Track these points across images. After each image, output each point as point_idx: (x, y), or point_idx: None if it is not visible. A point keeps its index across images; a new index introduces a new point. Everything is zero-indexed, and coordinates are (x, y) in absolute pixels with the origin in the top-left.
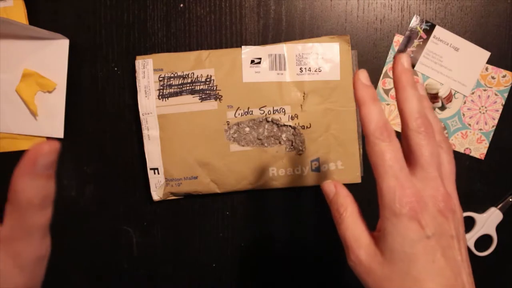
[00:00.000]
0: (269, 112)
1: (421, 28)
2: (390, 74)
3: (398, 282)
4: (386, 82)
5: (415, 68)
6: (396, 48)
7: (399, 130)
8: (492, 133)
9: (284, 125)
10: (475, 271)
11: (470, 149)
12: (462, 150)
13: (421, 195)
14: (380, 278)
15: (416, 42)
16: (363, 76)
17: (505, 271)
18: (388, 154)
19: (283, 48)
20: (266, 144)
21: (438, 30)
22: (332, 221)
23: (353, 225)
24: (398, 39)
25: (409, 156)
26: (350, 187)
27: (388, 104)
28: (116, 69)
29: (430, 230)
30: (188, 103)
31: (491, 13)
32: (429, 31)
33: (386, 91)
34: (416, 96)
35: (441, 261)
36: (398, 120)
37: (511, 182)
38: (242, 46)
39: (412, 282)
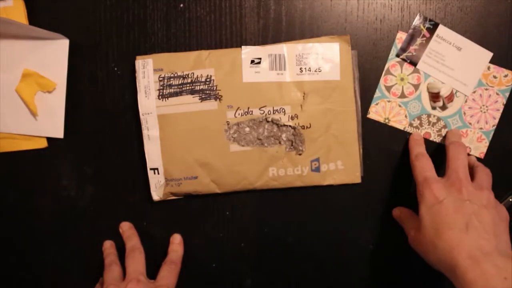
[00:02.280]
0: (269, 112)
1: (424, 27)
2: (392, 71)
3: (427, 232)
4: (387, 79)
5: (417, 67)
6: (399, 46)
7: (399, 127)
8: (492, 133)
9: (284, 125)
10: None
11: (470, 148)
12: None
13: (438, 183)
14: (418, 237)
15: (419, 40)
16: (417, 135)
17: None
18: (420, 167)
19: (283, 48)
20: (266, 144)
21: (442, 29)
22: (331, 221)
23: (409, 222)
24: (401, 36)
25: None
26: (350, 187)
27: (389, 101)
28: (116, 69)
29: (442, 196)
30: (188, 103)
31: (491, 13)
32: (432, 29)
33: (388, 88)
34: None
35: (452, 214)
36: (399, 117)
37: (511, 182)
38: (242, 46)
39: (434, 230)
